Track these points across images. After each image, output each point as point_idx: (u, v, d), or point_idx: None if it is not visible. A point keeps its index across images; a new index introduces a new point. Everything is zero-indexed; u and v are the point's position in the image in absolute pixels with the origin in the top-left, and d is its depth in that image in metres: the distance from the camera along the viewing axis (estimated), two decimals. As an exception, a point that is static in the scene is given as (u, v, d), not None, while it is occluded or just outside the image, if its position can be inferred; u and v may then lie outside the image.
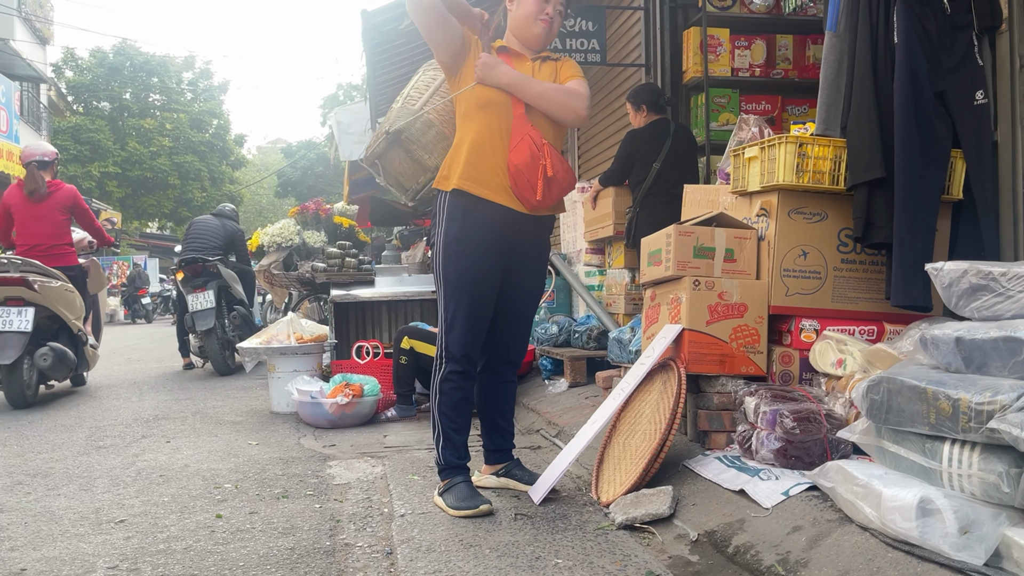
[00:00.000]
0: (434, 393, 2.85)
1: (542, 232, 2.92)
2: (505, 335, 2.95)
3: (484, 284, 2.78)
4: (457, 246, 2.74)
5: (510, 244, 2.81)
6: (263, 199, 40.00)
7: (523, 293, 2.95)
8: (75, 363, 5.78)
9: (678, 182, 4.34)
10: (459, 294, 2.76)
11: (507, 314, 2.92)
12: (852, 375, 2.66)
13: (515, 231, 2.80)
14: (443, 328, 2.80)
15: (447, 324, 2.79)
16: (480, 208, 2.74)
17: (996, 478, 1.74)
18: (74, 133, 25.46)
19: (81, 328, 5.91)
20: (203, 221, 7.95)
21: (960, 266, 2.06)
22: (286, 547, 2.51)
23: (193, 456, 3.90)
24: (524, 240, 2.85)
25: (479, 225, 2.74)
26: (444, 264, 2.77)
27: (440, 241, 2.78)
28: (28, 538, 2.67)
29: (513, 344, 2.99)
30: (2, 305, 5.35)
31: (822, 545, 2.04)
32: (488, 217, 2.74)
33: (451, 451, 2.84)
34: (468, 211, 2.74)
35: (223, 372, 7.41)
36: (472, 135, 2.75)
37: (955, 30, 2.79)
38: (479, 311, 2.80)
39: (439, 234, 2.79)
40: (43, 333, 5.63)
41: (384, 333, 6.61)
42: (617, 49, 6.23)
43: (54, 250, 6.03)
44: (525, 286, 2.94)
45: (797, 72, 5.16)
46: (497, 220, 2.75)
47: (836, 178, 2.89)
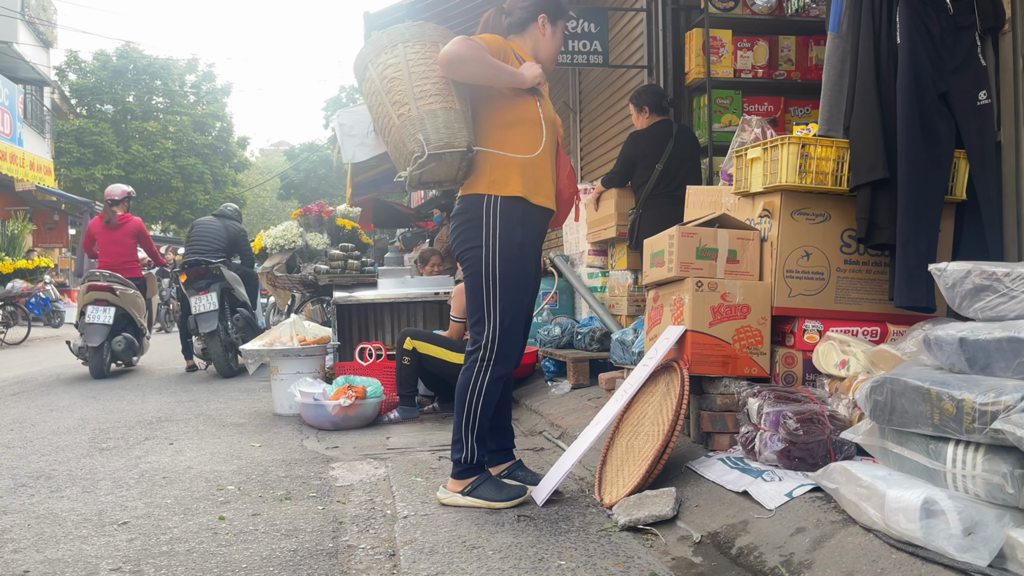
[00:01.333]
0: (477, 393, 2.84)
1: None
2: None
3: (534, 287, 2.98)
4: (520, 250, 2.83)
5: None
6: (266, 201, 40.06)
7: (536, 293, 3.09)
8: (139, 349, 7.85)
9: (681, 183, 4.34)
10: (519, 296, 2.86)
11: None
12: (855, 376, 2.65)
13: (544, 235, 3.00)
14: (496, 330, 2.82)
15: (502, 326, 2.82)
16: (533, 214, 2.87)
17: (1000, 479, 1.73)
18: (77, 136, 25.51)
19: (142, 324, 7.83)
20: (205, 223, 7.95)
21: (964, 267, 2.06)
22: (289, 549, 2.51)
23: (196, 458, 3.90)
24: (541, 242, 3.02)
25: (534, 231, 2.90)
26: (503, 267, 2.81)
27: (496, 244, 2.80)
28: (31, 540, 2.67)
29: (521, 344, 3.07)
30: (92, 304, 7.36)
31: (826, 546, 2.04)
32: (538, 222, 2.90)
33: (482, 448, 2.89)
34: (525, 215, 2.84)
35: (226, 374, 7.42)
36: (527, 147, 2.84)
37: (958, 31, 2.79)
38: (527, 313, 2.97)
39: (493, 238, 2.80)
40: (117, 326, 7.50)
41: (387, 335, 6.61)
42: (619, 51, 6.23)
43: (126, 265, 7.94)
44: (538, 285, 3.10)
45: (800, 73, 5.15)
46: (543, 225, 2.94)
47: (839, 179, 2.89)
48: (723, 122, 5.02)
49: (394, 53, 2.79)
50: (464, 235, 2.86)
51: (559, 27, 3.04)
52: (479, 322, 2.85)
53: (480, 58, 2.71)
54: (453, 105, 2.75)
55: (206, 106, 30.11)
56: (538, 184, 2.86)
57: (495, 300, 2.82)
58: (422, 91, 2.74)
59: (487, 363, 2.84)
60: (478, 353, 2.84)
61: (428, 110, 2.72)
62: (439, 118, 2.72)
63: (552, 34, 3.02)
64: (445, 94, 2.75)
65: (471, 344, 2.89)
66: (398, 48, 2.79)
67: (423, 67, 2.76)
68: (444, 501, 2.87)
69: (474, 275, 2.84)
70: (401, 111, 2.75)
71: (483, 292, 2.82)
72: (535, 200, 2.85)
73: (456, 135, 2.73)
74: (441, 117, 2.73)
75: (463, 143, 2.74)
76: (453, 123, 2.74)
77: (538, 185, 2.86)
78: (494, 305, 2.82)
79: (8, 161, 16.18)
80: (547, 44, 3.01)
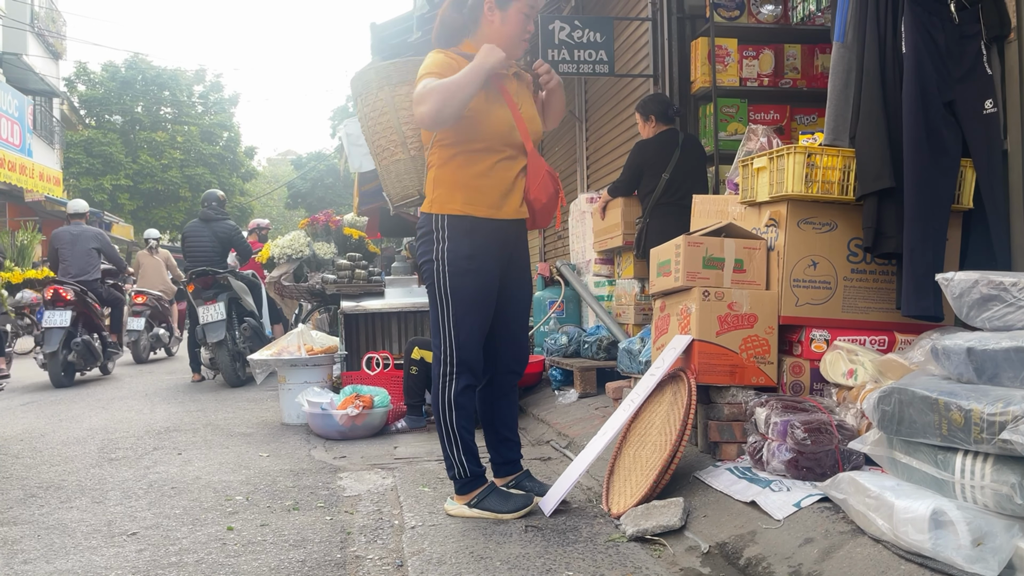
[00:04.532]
0: (447, 408, 2.83)
1: (524, 236, 3.02)
2: (509, 345, 3.00)
3: (493, 298, 2.87)
4: (471, 263, 2.78)
5: (508, 256, 2.92)
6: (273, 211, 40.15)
7: (522, 301, 3.05)
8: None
9: (687, 192, 4.34)
10: (474, 308, 2.81)
11: (509, 324, 2.98)
12: (863, 385, 2.65)
13: (512, 242, 2.92)
14: (454, 343, 2.81)
15: (460, 339, 2.80)
16: (486, 226, 2.81)
17: (1009, 489, 1.73)
18: (86, 146, 25.65)
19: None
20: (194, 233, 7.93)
21: (971, 276, 2.06)
22: (297, 559, 2.52)
23: (204, 468, 3.91)
24: (517, 251, 2.96)
25: (491, 242, 2.82)
26: (453, 280, 2.79)
27: (445, 259, 2.79)
28: (41, 551, 2.68)
29: (517, 353, 3.04)
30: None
31: (834, 557, 2.03)
32: (495, 234, 2.83)
33: (473, 461, 2.86)
34: (475, 228, 2.80)
35: (234, 384, 7.44)
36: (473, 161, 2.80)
37: (963, 40, 2.79)
38: (487, 324, 2.88)
39: (441, 252, 2.79)
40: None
41: (394, 344, 6.61)
42: (625, 60, 6.25)
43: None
44: (523, 294, 3.04)
45: (806, 81, 5.16)
46: (506, 235, 2.87)
47: (845, 188, 2.89)
48: (729, 131, 5.02)
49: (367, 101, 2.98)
50: (421, 249, 2.89)
51: (512, 11, 2.78)
52: (436, 335, 2.85)
53: (436, 90, 2.60)
54: (400, 156, 2.92)
55: (214, 116, 30.24)
56: (489, 195, 2.80)
57: (449, 314, 2.80)
58: (379, 147, 2.99)
59: (449, 377, 2.82)
60: (439, 368, 2.84)
61: (383, 166, 2.95)
62: (391, 172, 2.97)
63: (503, 20, 2.78)
64: (395, 145, 2.93)
65: (433, 360, 2.89)
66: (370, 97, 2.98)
67: (373, 121, 2.97)
68: (451, 512, 2.88)
69: (430, 289, 2.86)
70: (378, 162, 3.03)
71: (437, 306, 2.83)
72: (485, 213, 2.79)
73: (408, 187, 2.96)
74: (393, 171, 2.96)
75: (415, 191, 2.96)
76: (403, 174, 2.95)
77: (489, 196, 2.80)
78: (448, 319, 2.81)
79: (18, 172, 16.26)
80: (500, 31, 2.78)
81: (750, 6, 5.07)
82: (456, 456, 2.85)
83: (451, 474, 2.88)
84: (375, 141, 2.95)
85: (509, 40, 2.81)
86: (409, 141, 2.93)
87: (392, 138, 2.91)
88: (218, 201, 8.17)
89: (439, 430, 2.88)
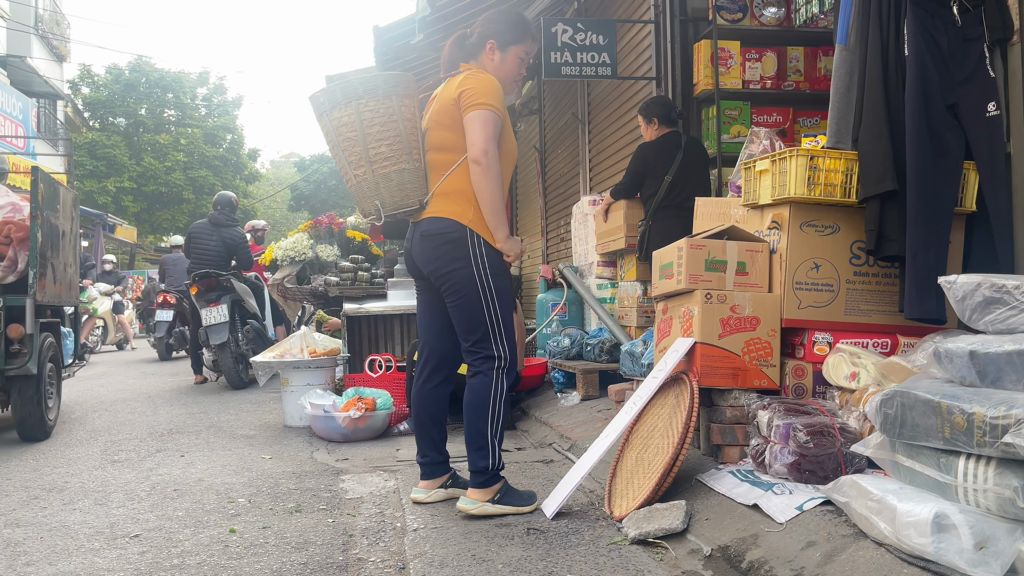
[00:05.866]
0: (499, 400, 2.92)
1: None
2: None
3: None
4: (501, 264, 2.95)
5: None
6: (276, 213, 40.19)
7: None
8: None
9: (690, 195, 4.34)
10: (510, 306, 2.98)
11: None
12: (866, 388, 2.64)
13: None
14: (504, 339, 2.93)
15: (506, 334, 2.94)
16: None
17: (1012, 493, 1.72)
18: (90, 149, 25.69)
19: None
20: (201, 234, 7.93)
21: (973, 279, 2.05)
22: (299, 562, 2.52)
23: (207, 470, 3.91)
24: None
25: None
26: (495, 280, 2.91)
27: (485, 262, 2.90)
28: (44, 553, 2.69)
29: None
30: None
31: (837, 561, 2.03)
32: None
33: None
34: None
35: (236, 386, 7.45)
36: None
37: (966, 42, 2.79)
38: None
39: (480, 255, 2.89)
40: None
41: (396, 346, 6.62)
42: (628, 62, 6.25)
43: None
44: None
45: (808, 84, 5.15)
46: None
47: (848, 191, 2.89)
48: (732, 133, 5.02)
49: (347, 110, 2.91)
50: (448, 255, 2.91)
51: (511, 54, 3.04)
52: (484, 337, 2.92)
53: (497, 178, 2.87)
54: (405, 165, 2.89)
55: (217, 119, 30.29)
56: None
57: (496, 312, 2.92)
58: (376, 154, 2.90)
59: (502, 371, 2.94)
60: (494, 363, 2.92)
61: (383, 174, 2.89)
62: (392, 181, 2.90)
63: (502, 60, 3.03)
64: (397, 155, 2.89)
65: (478, 358, 2.94)
66: (351, 105, 2.90)
67: (377, 127, 2.89)
68: (472, 512, 2.86)
69: (469, 294, 2.90)
70: (357, 172, 2.94)
71: (482, 306, 2.90)
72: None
73: (408, 195, 2.92)
74: (395, 180, 2.90)
75: (415, 201, 2.93)
76: (406, 184, 2.91)
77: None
78: (497, 317, 2.92)
79: (22, 174, 16.31)
80: (497, 70, 3.02)
81: (753, 9, 5.07)
82: (496, 446, 2.92)
83: (483, 465, 2.90)
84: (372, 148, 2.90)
85: (504, 79, 3.04)
86: (414, 151, 2.93)
87: (397, 147, 2.89)
88: (230, 206, 8.20)
89: (481, 420, 2.90)
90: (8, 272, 4.67)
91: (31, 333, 4.61)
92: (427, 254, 2.95)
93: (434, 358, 3.12)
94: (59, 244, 5.23)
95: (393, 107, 2.88)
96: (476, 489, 2.89)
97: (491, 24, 3.06)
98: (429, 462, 3.11)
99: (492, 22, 3.06)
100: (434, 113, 3.00)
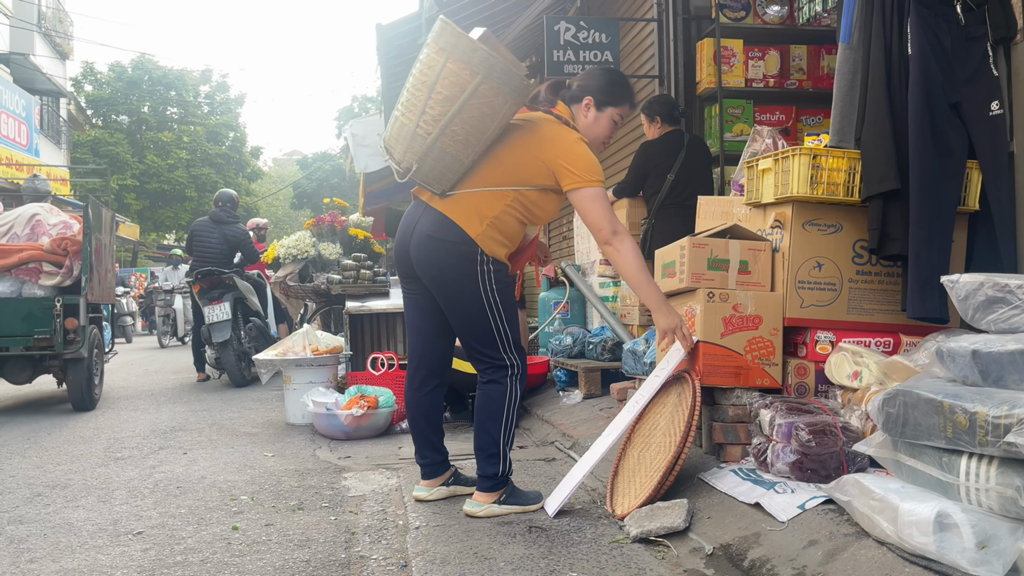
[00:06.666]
0: (512, 407, 2.92)
1: None
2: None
3: None
4: (507, 279, 2.93)
5: None
6: (279, 211, 40.23)
7: None
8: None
9: (692, 193, 4.34)
10: (515, 315, 2.97)
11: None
12: (868, 387, 2.64)
13: None
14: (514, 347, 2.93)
15: (514, 341, 2.94)
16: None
17: (1014, 492, 1.72)
18: (93, 147, 25.74)
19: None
20: (203, 232, 7.95)
21: (976, 278, 2.05)
22: (302, 559, 2.52)
23: (210, 468, 3.92)
24: None
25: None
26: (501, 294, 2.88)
27: (492, 280, 2.85)
28: (47, 550, 2.70)
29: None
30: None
31: (838, 559, 2.03)
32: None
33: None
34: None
35: (239, 384, 7.46)
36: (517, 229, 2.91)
37: (969, 41, 2.78)
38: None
39: (490, 273, 2.84)
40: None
41: (399, 345, 6.62)
42: (631, 61, 6.25)
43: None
44: None
45: (811, 82, 5.15)
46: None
47: (851, 190, 2.88)
48: (735, 132, 5.02)
49: (465, 72, 2.66)
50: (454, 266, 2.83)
51: (607, 114, 3.02)
52: (493, 347, 2.90)
53: (636, 254, 2.85)
54: (462, 157, 2.78)
55: (220, 116, 30.33)
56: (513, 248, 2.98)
57: (504, 322, 2.89)
58: (453, 130, 2.72)
59: (517, 380, 2.95)
60: (506, 371, 2.91)
61: (442, 148, 2.74)
62: (441, 160, 2.77)
63: (595, 119, 3.01)
64: (464, 144, 2.75)
65: (490, 367, 2.92)
66: (474, 72, 2.66)
67: (475, 109, 2.70)
68: (479, 514, 2.85)
69: (474, 310, 2.86)
70: (423, 123, 2.72)
71: (490, 323, 2.87)
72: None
73: (441, 180, 2.82)
74: (444, 162, 2.78)
75: (439, 189, 2.84)
76: (447, 170, 2.80)
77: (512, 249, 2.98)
78: (504, 327, 2.90)
79: (25, 172, 16.34)
80: (587, 127, 3.00)
81: (756, 7, 5.06)
82: (506, 453, 2.93)
83: (492, 472, 2.89)
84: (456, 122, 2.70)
85: (595, 138, 3.02)
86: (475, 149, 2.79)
87: (471, 138, 2.73)
88: (232, 202, 8.20)
89: (494, 427, 2.89)
90: (66, 278, 5.89)
91: (83, 325, 5.84)
92: (428, 258, 2.85)
93: (425, 366, 3.05)
94: (102, 255, 6.51)
95: (497, 104, 2.72)
96: (482, 492, 2.90)
97: (592, 80, 3.04)
98: (429, 463, 3.11)
99: (594, 78, 3.05)
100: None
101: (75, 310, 5.81)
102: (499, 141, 2.84)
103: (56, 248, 5.90)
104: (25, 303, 5.76)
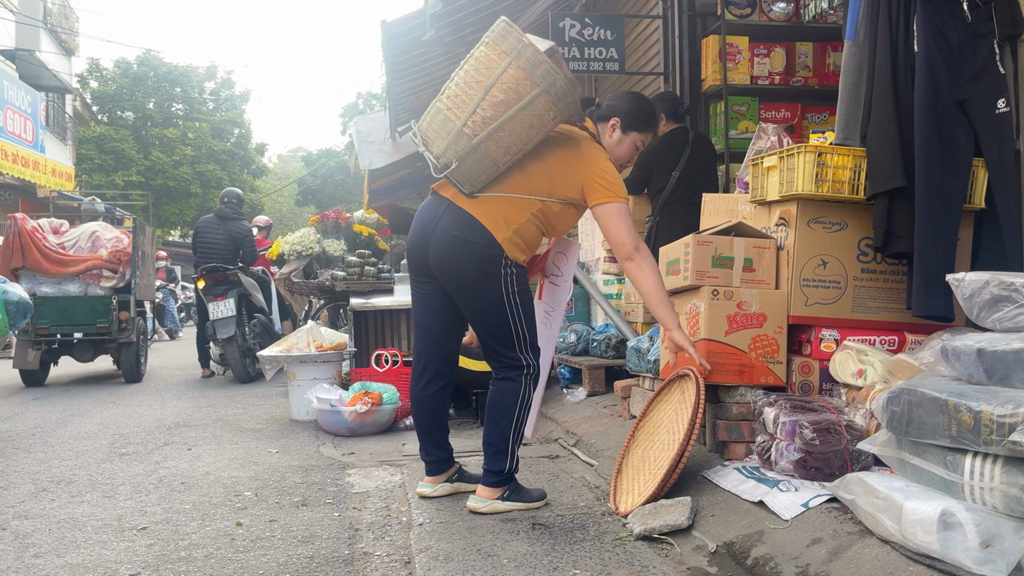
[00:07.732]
0: (525, 407, 2.93)
1: None
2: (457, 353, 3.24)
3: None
4: (526, 282, 2.96)
5: None
6: (284, 207, 40.27)
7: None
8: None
9: (697, 191, 4.33)
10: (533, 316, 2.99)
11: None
12: (872, 386, 2.64)
13: None
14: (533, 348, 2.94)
15: (532, 342, 2.94)
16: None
17: (1018, 491, 1.72)
18: (98, 143, 25.76)
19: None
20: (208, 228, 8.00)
21: (982, 277, 2.04)
22: (305, 556, 2.53)
23: (214, 464, 3.93)
24: None
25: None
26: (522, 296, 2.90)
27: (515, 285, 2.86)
28: (52, 545, 2.71)
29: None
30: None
31: (842, 558, 2.03)
32: None
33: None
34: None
35: (243, 380, 7.47)
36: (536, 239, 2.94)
37: (976, 39, 2.77)
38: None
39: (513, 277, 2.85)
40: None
41: (403, 341, 6.63)
42: (636, 58, 6.24)
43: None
44: None
45: (817, 80, 5.13)
46: None
47: (856, 187, 2.87)
48: (740, 129, 5.00)
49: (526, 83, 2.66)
50: (478, 269, 2.82)
51: (630, 139, 3.06)
52: (510, 346, 2.90)
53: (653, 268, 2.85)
54: (500, 162, 2.77)
55: (225, 113, 30.32)
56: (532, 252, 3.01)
57: (524, 324, 2.90)
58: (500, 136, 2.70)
59: (532, 379, 2.96)
60: (524, 371, 2.92)
61: (483, 151, 2.72)
62: (481, 162, 2.74)
63: (619, 141, 3.06)
64: (506, 151, 2.74)
65: (505, 365, 2.92)
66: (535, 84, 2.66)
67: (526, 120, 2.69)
68: (483, 510, 2.85)
69: (495, 312, 2.86)
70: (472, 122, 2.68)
71: (509, 324, 2.88)
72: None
73: (474, 181, 2.80)
74: (482, 164, 2.75)
75: (469, 189, 2.81)
76: (481, 174, 2.78)
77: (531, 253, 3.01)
78: (524, 328, 2.90)
79: (31, 168, 16.37)
80: (611, 147, 3.05)
81: (762, 4, 5.04)
82: (515, 450, 2.93)
83: (499, 467, 2.90)
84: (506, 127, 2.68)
85: (617, 159, 3.06)
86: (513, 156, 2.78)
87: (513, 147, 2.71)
88: (237, 200, 8.29)
89: (505, 425, 2.90)
90: (120, 281, 7.71)
91: (133, 316, 7.68)
92: (451, 258, 2.82)
93: (432, 367, 3.04)
94: (147, 263, 8.49)
95: (548, 118, 2.74)
96: (486, 488, 2.90)
97: (622, 103, 3.09)
98: (434, 460, 3.11)
99: (623, 100, 3.10)
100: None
101: (127, 305, 7.65)
102: (533, 151, 2.85)
103: (113, 258, 7.70)
104: (89, 300, 7.57)
